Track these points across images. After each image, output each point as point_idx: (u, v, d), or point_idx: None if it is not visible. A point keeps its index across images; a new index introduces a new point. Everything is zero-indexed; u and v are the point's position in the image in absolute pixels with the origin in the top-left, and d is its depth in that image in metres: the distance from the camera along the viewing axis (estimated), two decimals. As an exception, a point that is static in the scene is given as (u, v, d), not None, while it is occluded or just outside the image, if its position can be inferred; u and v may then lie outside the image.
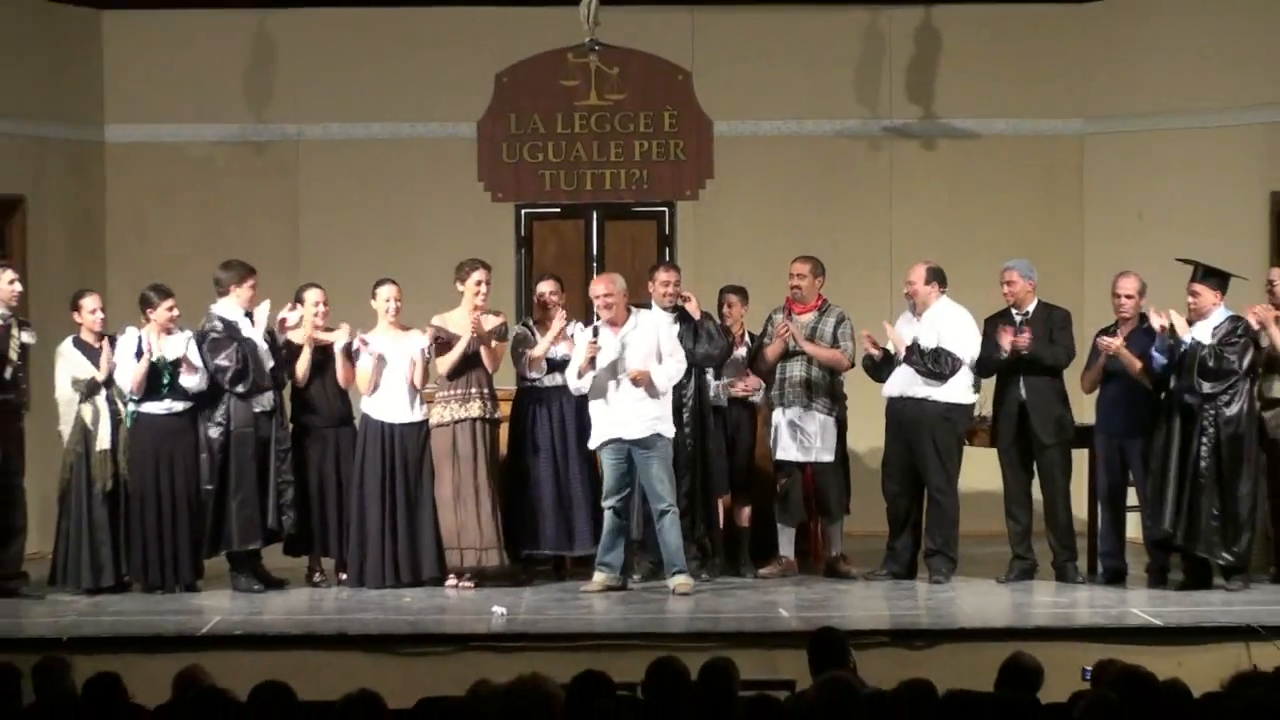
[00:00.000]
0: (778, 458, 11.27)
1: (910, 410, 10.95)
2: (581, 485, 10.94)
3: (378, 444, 10.85)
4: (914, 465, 10.97)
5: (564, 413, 10.98)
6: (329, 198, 13.70)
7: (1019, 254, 11.56)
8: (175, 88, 13.54)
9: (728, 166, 13.76)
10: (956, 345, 10.96)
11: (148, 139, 13.58)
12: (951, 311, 11.05)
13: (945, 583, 10.88)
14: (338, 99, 13.64)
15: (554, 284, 11.17)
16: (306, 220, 13.68)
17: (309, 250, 13.51)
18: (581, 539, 10.96)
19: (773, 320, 11.34)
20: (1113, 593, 10.61)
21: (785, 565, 11.31)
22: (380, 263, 12.14)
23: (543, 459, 10.95)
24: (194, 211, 13.58)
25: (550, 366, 11.00)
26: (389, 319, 10.98)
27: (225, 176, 13.66)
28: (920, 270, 11.09)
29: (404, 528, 10.86)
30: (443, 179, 13.67)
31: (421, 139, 13.70)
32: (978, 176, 13.67)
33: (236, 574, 10.85)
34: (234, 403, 10.70)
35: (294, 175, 13.72)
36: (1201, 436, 10.32)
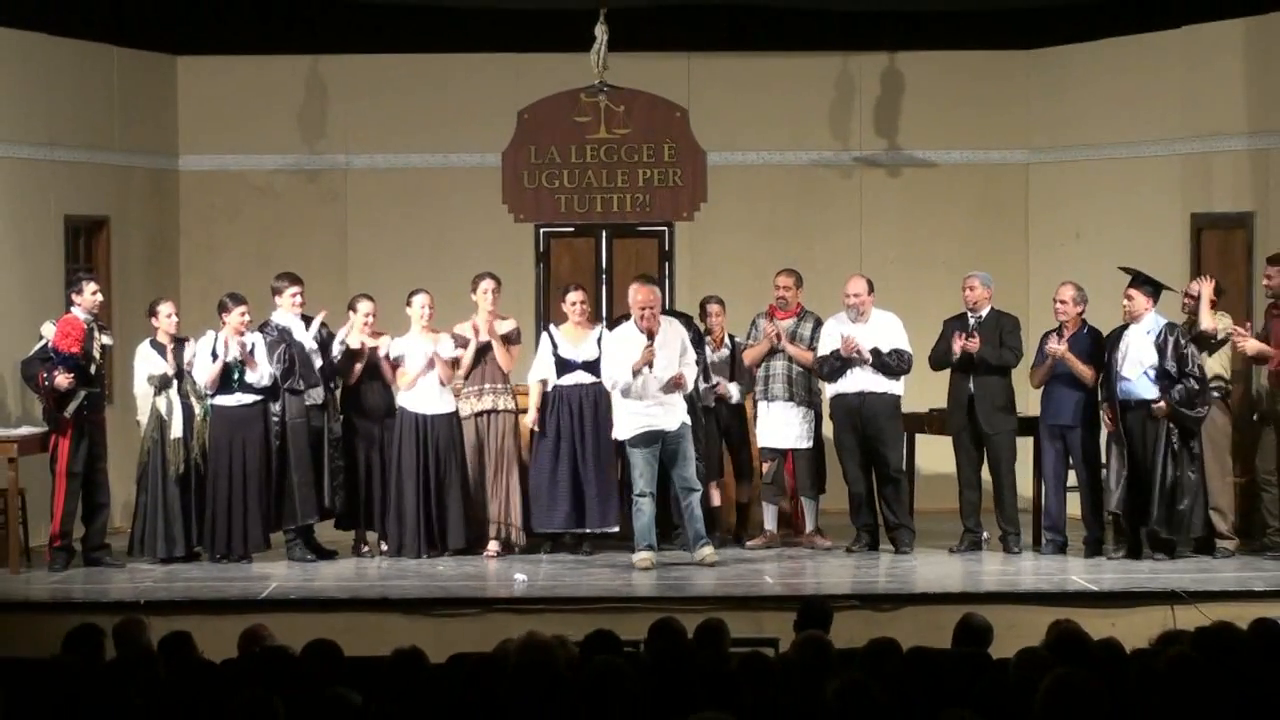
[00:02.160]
0: (762, 444, 11.24)
1: (872, 404, 10.93)
2: (594, 472, 10.86)
3: (412, 432, 10.85)
4: (869, 451, 10.91)
5: (582, 408, 10.91)
6: (374, 218, 13.68)
7: (972, 267, 11.57)
8: (240, 122, 13.53)
9: (719, 191, 13.75)
10: (905, 345, 10.95)
11: (216, 167, 13.57)
12: (889, 316, 11.06)
13: (910, 553, 10.84)
14: (381, 132, 13.62)
15: (581, 293, 11.13)
16: (354, 238, 13.66)
17: (356, 264, 13.49)
18: (593, 517, 10.89)
19: (757, 324, 11.32)
20: (1055, 562, 10.59)
21: (769, 538, 11.28)
22: (417, 274, 12.13)
23: (562, 448, 10.87)
24: (256, 230, 13.56)
25: (566, 367, 10.92)
26: (422, 323, 10.98)
27: (283, 200, 13.64)
28: (864, 282, 11.10)
29: (437, 506, 10.85)
30: (472, 202, 13.66)
31: (454, 168, 13.69)
32: (936, 200, 13.64)
33: (292, 545, 10.85)
34: (288, 397, 10.71)
35: (343, 199, 13.70)
36: (1159, 434, 10.33)
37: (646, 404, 10.35)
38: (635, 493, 10.41)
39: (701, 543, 10.47)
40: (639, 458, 10.37)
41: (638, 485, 10.39)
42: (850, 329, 10.96)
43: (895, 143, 13.72)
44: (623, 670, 5.44)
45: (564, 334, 11.09)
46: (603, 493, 10.85)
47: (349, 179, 13.70)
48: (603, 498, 10.85)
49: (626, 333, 10.50)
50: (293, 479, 10.70)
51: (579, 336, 11.04)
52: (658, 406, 10.35)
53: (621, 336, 10.50)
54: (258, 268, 12.67)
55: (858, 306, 11.00)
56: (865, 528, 11.11)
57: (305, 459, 10.72)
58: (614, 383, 10.40)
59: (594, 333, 11.10)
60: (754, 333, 11.33)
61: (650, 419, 10.35)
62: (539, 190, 13.74)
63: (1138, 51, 12.93)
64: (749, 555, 10.98)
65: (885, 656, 5.93)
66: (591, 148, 13.75)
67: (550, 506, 10.86)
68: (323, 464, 10.81)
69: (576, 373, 10.98)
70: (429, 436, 10.84)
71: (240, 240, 13.53)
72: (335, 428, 10.91)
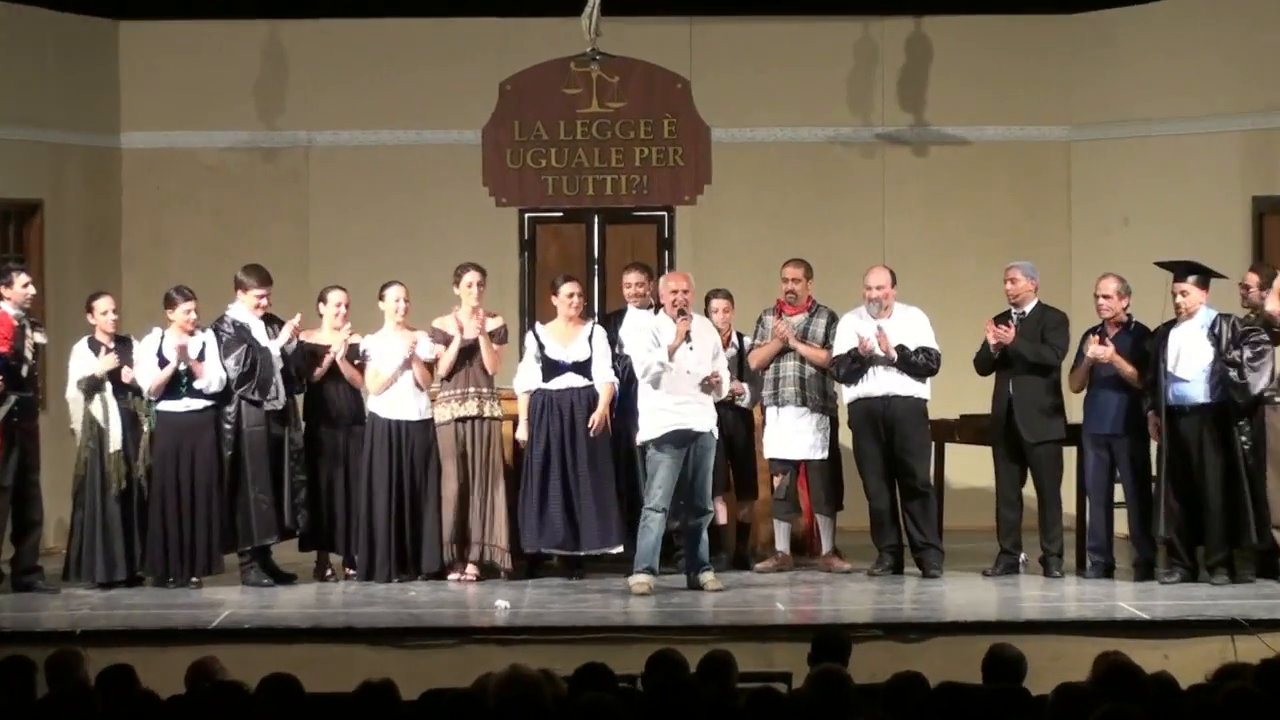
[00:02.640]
0: (772, 455, 11.23)
1: (896, 409, 10.91)
2: (591, 485, 10.85)
3: (385, 441, 10.83)
4: (893, 462, 10.91)
5: (574, 414, 10.89)
6: (338, 203, 13.67)
7: (1007, 256, 11.56)
8: (189, 96, 13.50)
9: (725, 172, 13.73)
10: (932, 343, 10.96)
11: (162, 145, 13.55)
12: (914, 311, 11.06)
13: (939, 576, 10.85)
14: (347, 107, 13.60)
15: (576, 285, 11.15)
16: (316, 224, 13.64)
17: (319, 253, 13.47)
18: (590, 537, 10.87)
19: (763, 321, 11.32)
20: (1101, 587, 10.57)
21: (781, 560, 11.27)
22: (388, 265, 12.14)
23: (552, 459, 10.87)
24: (207, 216, 13.56)
25: (555, 369, 10.91)
26: (396, 320, 10.96)
27: (238, 182, 13.62)
28: (886, 273, 11.08)
29: (410, 522, 10.84)
30: (448, 184, 13.64)
31: (428, 145, 13.67)
32: (968, 182, 13.63)
33: (246, 568, 10.83)
34: (245, 404, 10.69)
35: (305, 181, 13.68)
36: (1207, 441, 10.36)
37: (678, 399, 10.31)
38: (648, 504, 10.37)
39: (703, 568, 10.48)
40: (662, 464, 10.32)
41: (653, 497, 10.34)
42: (869, 326, 10.93)
43: (922, 118, 13.73)
44: (616, 708, 5.43)
45: (551, 333, 11.07)
46: (601, 508, 10.83)
47: (311, 158, 13.68)
48: (601, 514, 10.83)
49: (654, 319, 10.49)
50: (248, 494, 10.69)
51: (569, 335, 11.02)
52: (692, 404, 10.33)
53: (647, 323, 10.48)
54: (208, 258, 12.69)
55: (880, 300, 10.98)
56: (888, 548, 11.09)
57: (263, 471, 10.72)
58: (646, 368, 10.34)
59: (585, 330, 11.07)
60: (761, 331, 11.32)
61: (681, 418, 10.30)
62: (523, 171, 13.72)
63: (1193, 15, 12.92)
64: (758, 580, 10.97)
65: (910, 692, 5.92)
66: (582, 123, 13.73)
67: (541, 525, 10.84)
68: (282, 477, 10.79)
69: (567, 375, 10.96)
70: (403, 446, 10.84)
71: (189, 227, 13.52)
72: (296, 437, 10.89)
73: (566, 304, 11.03)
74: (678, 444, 10.30)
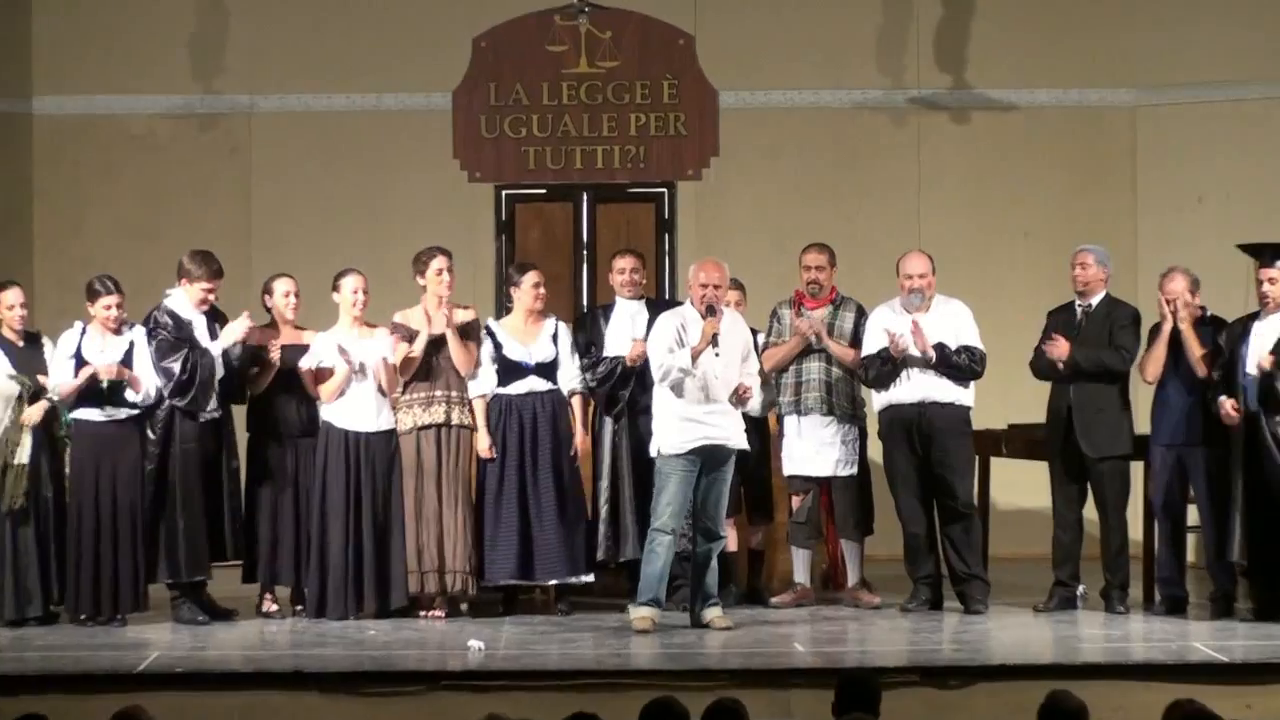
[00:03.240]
0: (791, 472, 11.21)
1: (934, 417, 10.89)
2: (554, 505, 10.86)
3: (341, 456, 10.81)
4: (931, 480, 10.91)
5: (536, 424, 10.91)
6: (285, 178, 13.69)
7: (1062, 240, 11.68)
8: (113, 54, 13.56)
9: (735, 143, 13.76)
10: (977, 340, 10.97)
11: (80, 111, 13.57)
12: (957, 304, 11.05)
13: (984, 612, 10.85)
14: (296, 66, 13.63)
15: (539, 275, 11.11)
16: (260, 203, 13.67)
17: (262, 237, 13.49)
18: (545, 564, 10.86)
19: (779, 316, 11.31)
20: (1171, 624, 10.55)
21: (800, 593, 11.25)
22: (342, 251, 12.16)
23: (508, 475, 10.87)
24: (133, 193, 13.58)
25: (515, 372, 10.92)
26: (354, 314, 10.92)
27: (168, 154, 13.65)
28: (927, 260, 11.03)
29: (370, 550, 10.80)
30: (413, 156, 13.68)
31: (389, 111, 13.70)
32: (1016, 153, 13.68)
33: (178, 603, 10.78)
34: (178, 414, 10.68)
35: (246, 152, 13.72)
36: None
37: (707, 409, 10.29)
38: (654, 524, 10.36)
39: (710, 603, 10.46)
40: (675, 480, 10.31)
41: (660, 515, 10.33)
42: (903, 322, 10.91)
43: (962, 79, 13.77)
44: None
45: (509, 330, 11.06)
46: (564, 533, 10.85)
47: (254, 126, 13.70)
48: (565, 539, 10.85)
49: (682, 314, 10.47)
50: (179, 517, 10.64)
51: (530, 332, 11.03)
52: (726, 414, 10.32)
53: (673, 320, 10.44)
54: (135, 241, 12.70)
55: (922, 291, 10.96)
56: (925, 580, 11.08)
57: (197, 491, 10.68)
58: (665, 371, 10.32)
59: (547, 327, 11.08)
60: (776, 327, 11.31)
61: (709, 430, 10.28)
62: (500, 141, 13.74)
63: (1277, -40, 12.97)
64: (773, 616, 10.95)
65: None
66: (569, 85, 13.75)
67: (492, 550, 10.87)
68: (221, 497, 10.79)
69: (529, 378, 10.96)
70: (363, 460, 10.81)
71: (113, 206, 13.55)
72: (235, 451, 10.91)
73: (531, 296, 11.02)
74: (693, 462, 10.30)
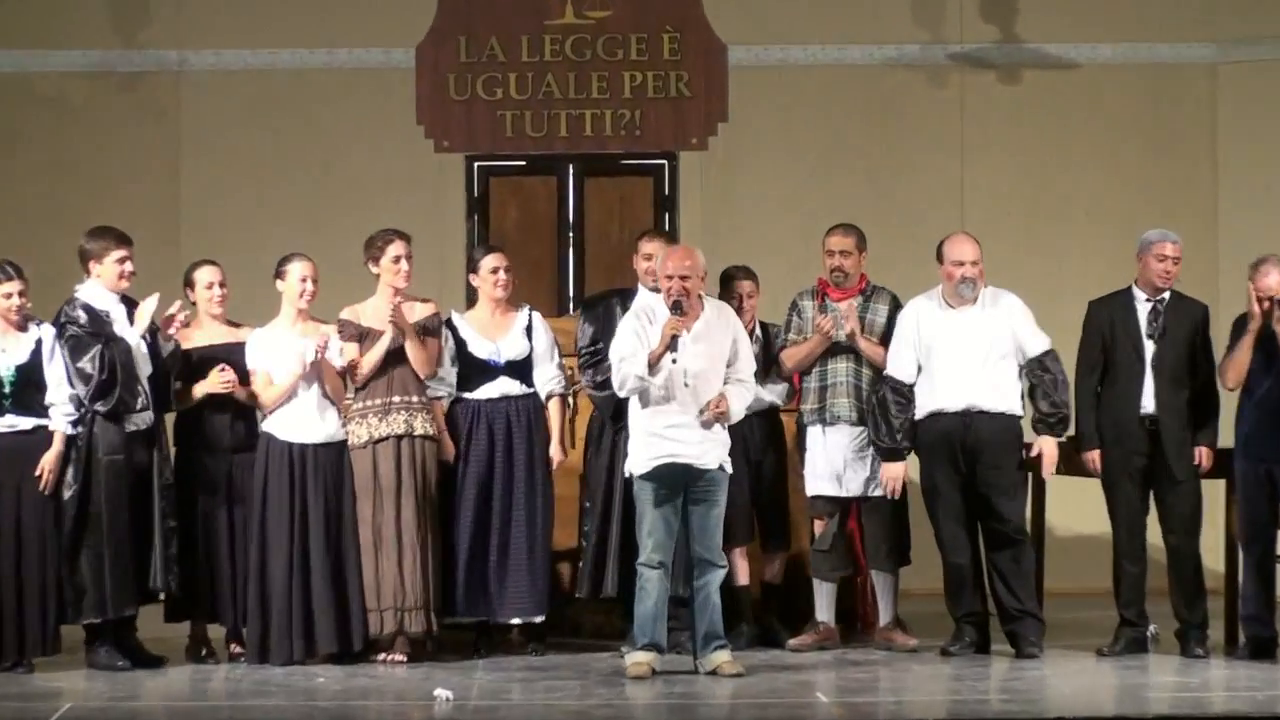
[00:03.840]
0: (814, 492, 11.20)
1: (982, 429, 10.89)
2: (525, 531, 10.88)
3: (284, 472, 10.79)
4: (977, 501, 10.93)
5: (510, 435, 10.92)
6: (220, 147, 13.75)
7: (1130, 220, 11.75)
8: (17, 2, 13.48)
9: (747, 106, 13.81)
10: (1043, 340, 10.99)
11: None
12: (1009, 299, 11.05)
13: (1039, 655, 10.85)
14: (231, 17, 13.70)
15: (501, 259, 11.08)
16: (190, 176, 13.72)
17: (193, 216, 13.56)
18: (516, 602, 10.89)
19: (799, 309, 11.31)
20: (1258, 670, 10.52)
21: (823, 634, 11.24)
22: (287, 234, 12.27)
23: (475, 494, 10.88)
24: (42, 162, 13.64)
25: (482, 372, 10.92)
26: (298, 307, 10.90)
27: (83, 119, 13.70)
28: (975, 245, 10.99)
29: (321, 583, 10.79)
30: (370, 123, 13.76)
31: (342, 70, 13.77)
32: (1076, 119, 13.76)
33: (96, 646, 10.74)
34: (100, 421, 10.62)
35: (174, 117, 13.78)
36: None
37: (670, 422, 10.26)
38: (640, 559, 10.36)
39: (715, 645, 10.39)
40: (649, 506, 10.29)
41: (644, 549, 10.32)
42: (945, 318, 10.89)
43: (1012, 32, 13.83)
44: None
45: (474, 323, 11.07)
46: (530, 564, 10.90)
47: (184, 87, 13.75)
48: (528, 571, 10.90)
49: (651, 308, 10.42)
50: (106, 544, 10.61)
51: (498, 325, 11.04)
52: (690, 429, 10.28)
53: (639, 315, 10.40)
54: (42, 223, 12.67)
55: (974, 281, 10.93)
56: (969, 618, 11.07)
57: (122, 516, 10.63)
58: (622, 378, 10.32)
59: (519, 319, 11.08)
60: (796, 322, 11.31)
61: (672, 446, 10.26)
62: (473, 104, 13.79)
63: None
64: (792, 661, 10.95)
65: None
66: (553, 39, 13.81)
67: (466, 582, 10.91)
68: (152, 523, 10.72)
69: (499, 380, 10.97)
70: (309, 478, 10.81)
71: (15, 180, 13.60)
72: (166, 467, 10.83)
73: (490, 283, 11.00)
74: (668, 482, 10.27)
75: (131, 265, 10.79)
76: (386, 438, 10.81)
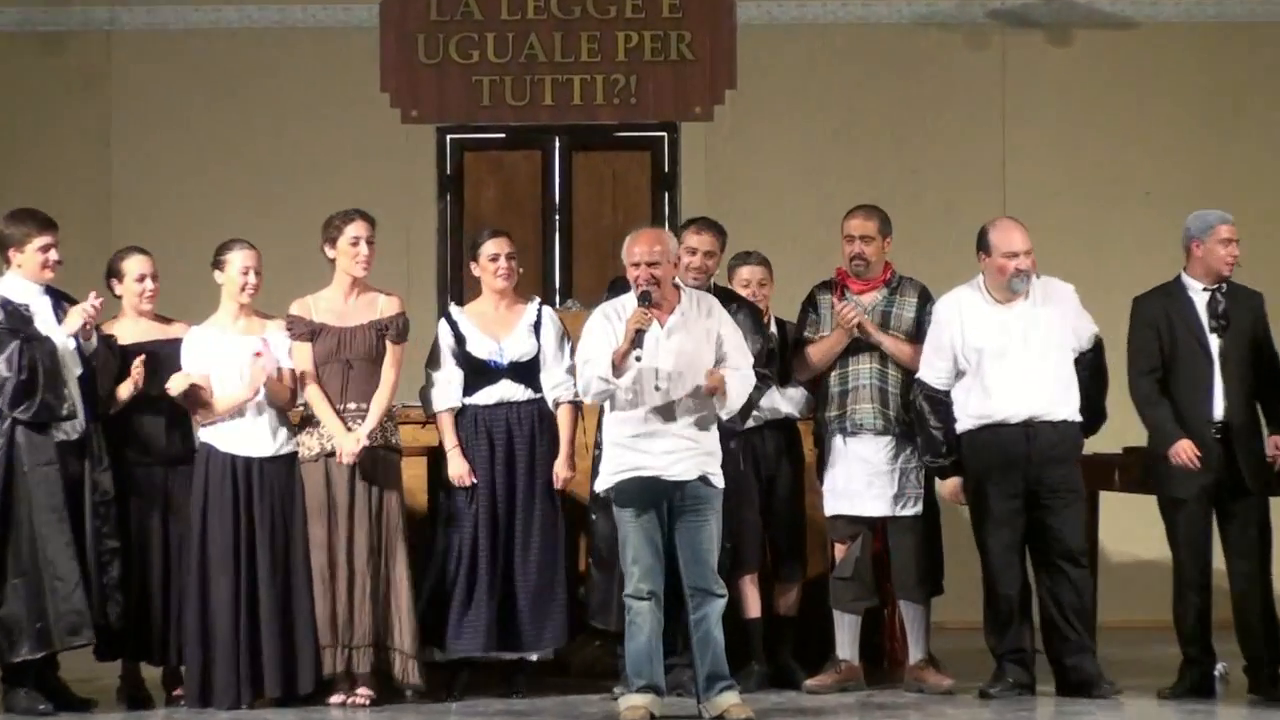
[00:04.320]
0: (836, 511, 11.19)
1: (1045, 441, 10.86)
2: (541, 553, 10.88)
3: (226, 488, 10.78)
4: (1034, 521, 10.89)
5: (512, 446, 10.92)
6: (156, 117, 13.80)
7: (1195, 201, 11.62)
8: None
9: (757, 71, 13.86)
10: (1092, 328, 11.02)
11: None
12: (1060, 288, 11.03)
13: (1107, 696, 10.82)
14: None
15: (505, 243, 11.06)
16: (123, 150, 13.78)
17: (126, 195, 13.63)
18: (522, 634, 10.90)
19: (817, 303, 11.33)
20: (1343, 714, 10.60)
21: (845, 673, 11.23)
22: (231, 215, 12.26)
23: (480, 516, 10.87)
24: (-45, 136, 13.65)
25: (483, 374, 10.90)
26: (241, 300, 10.88)
27: (3, 83, 13.75)
28: (1027, 233, 10.94)
29: (269, 615, 10.78)
30: (328, 89, 13.80)
31: (296, 29, 13.83)
32: (1134, 85, 13.81)
33: (14, 689, 10.71)
34: (21, 430, 10.58)
35: (105, 82, 13.83)
36: None
37: (635, 431, 10.24)
38: (626, 590, 10.35)
39: (721, 687, 10.33)
40: (630, 528, 10.27)
41: (630, 579, 10.30)
42: (994, 316, 10.86)
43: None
44: None
45: (474, 317, 11.05)
46: (543, 592, 10.90)
47: (113, 49, 13.79)
48: (542, 600, 10.90)
49: (623, 303, 10.40)
50: (43, 567, 10.56)
51: (501, 321, 11.04)
52: (655, 439, 10.23)
53: (607, 313, 10.38)
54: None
55: (1028, 273, 10.89)
56: (1013, 656, 11.01)
57: (56, 535, 10.58)
58: (586, 384, 10.32)
59: (525, 314, 11.07)
60: (812, 317, 11.32)
61: (638, 458, 10.25)
62: (444, 68, 13.85)
63: None
64: (809, 704, 10.94)
65: None
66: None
67: (461, 616, 10.87)
68: (84, 543, 10.67)
69: (501, 383, 10.95)
70: (255, 495, 10.80)
71: (-76, 154, 13.60)
72: (104, 480, 10.77)
73: (490, 271, 10.98)
74: (638, 500, 10.24)
75: (57, 254, 10.80)
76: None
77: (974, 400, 10.88)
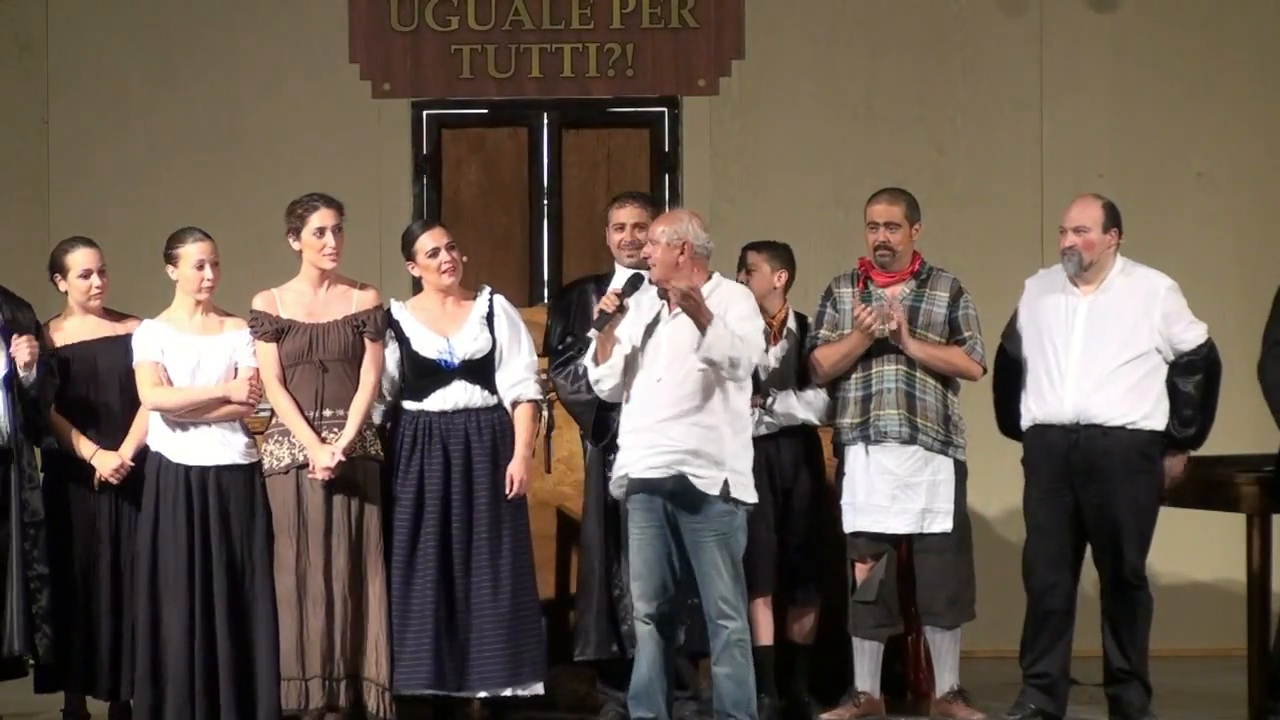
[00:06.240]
0: (856, 529, 11.21)
1: (1094, 447, 10.89)
2: (491, 578, 10.86)
3: (179, 504, 10.78)
4: (1092, 536, 10.93)
5: (468, 457, 10.90)
6: (99, 94, 13.82)
7: (1256, 183, 11.86)
8: None
9: (768, 39, 13.88)
10: (1193, 333, 10.97)
11: None
12: (1154, 272, 11.01)
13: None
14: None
15: (443, 235, 11.04)
16: (62, 133, 13.80)
17: (66, 178, 13.67)
18: (476, 669, 10.87)
19: (836, 298, 11.34)
20: None
21: (865, 705, 11.28)
22: (183, 200, 12.18)
23: (427, 536, 10.86)
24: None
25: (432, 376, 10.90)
26: (200, 296, 10.89)
27: None
28: (1095, 208, 10.98)
29: (225, 643, 10.79)
30: (291, 60, 13.83)
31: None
32: (1185, 55, 13.80)
33: (-57, 725, 10.76)
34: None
35: (41, 58, 13.86)
36: None
37: (628, 427, 10.31)
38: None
39: (735, 719, 10.40)
40: (631, 537, 10.35)
41: (635, 599, 10.38)
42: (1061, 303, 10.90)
43: (1107, -53, 13.85)
44: None
45: (420, 313, 11.05)
46: (509, 626, 10.87)
47: (51, 19, 13.82)
48: (510, 634, 10.87)
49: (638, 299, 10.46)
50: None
51: (450, 316, 11.03)
52: (643, 434, 10.27)
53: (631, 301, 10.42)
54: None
55: (1074, 250, 10.90)
56: (1037, 680, 11.06)
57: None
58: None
59: (476, 307, 11.05)
60: (830, 314, 11.34)
61: (622, 456, 10.35)
62: (421, 37, 13.90)
63: None
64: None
65: None
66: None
67: (401, 648, 10.86)
68: (9, 573, 10.71)
69: (453, 385, 10.94)
70: (211, 510, 10.81)
71: None
72: (33, 499, 10.82)
73: (433, 269, 10.95)
74: (645, 507, 10.27)
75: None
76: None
77: (1032, 395, 10.98)
